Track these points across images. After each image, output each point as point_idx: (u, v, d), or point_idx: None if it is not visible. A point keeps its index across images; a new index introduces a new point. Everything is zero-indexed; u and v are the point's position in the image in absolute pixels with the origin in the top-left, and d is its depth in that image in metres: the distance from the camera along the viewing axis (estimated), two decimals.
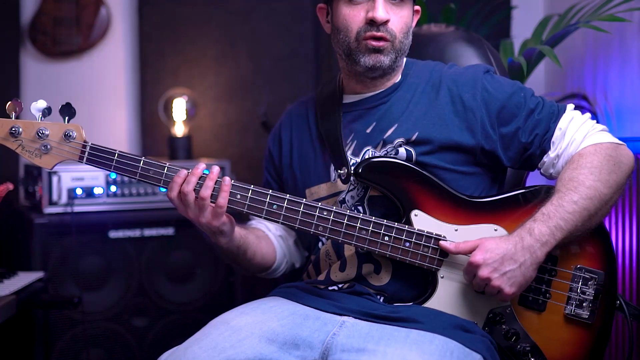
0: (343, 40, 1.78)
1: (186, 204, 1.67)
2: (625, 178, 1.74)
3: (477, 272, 1.61)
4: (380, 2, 1.73)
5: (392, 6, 1.75)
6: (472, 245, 1.64)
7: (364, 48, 1.75)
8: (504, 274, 1.60)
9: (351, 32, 1.76)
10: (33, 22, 3.16)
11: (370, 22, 1.73)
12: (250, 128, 3.27)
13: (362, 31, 1.74)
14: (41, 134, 1.66)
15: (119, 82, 3.32)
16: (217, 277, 2.76)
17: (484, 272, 1.60)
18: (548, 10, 3.24)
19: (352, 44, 1.76)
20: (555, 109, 1.78)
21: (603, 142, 1.74)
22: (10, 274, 2.29)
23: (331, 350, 1.60)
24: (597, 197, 1.66)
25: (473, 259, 1.61)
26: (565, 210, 1.63)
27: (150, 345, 2.66)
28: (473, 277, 1.63)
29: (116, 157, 1.68)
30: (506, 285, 1.60)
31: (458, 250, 1.66)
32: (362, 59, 1.76)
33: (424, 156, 1.74)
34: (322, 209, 1.69)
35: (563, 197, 1.65)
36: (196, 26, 3.27)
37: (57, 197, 2.58)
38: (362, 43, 1.75)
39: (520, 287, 1.62)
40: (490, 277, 1.60)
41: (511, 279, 1.60)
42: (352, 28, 1.75)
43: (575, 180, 1.67)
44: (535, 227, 1.62)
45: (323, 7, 1.86)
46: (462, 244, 1.66)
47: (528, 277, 1.62)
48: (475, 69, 1.82)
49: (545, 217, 1.63)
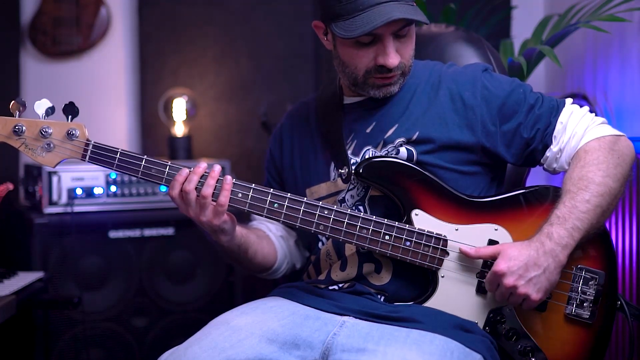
0: (350, 74, 1.73)
1: (187, 203, 1.67)
2: (629, 169, 1.74)
3: (502, 281, 1.58)
4: (391, 48, 1.67)
5: (401, 42, 1.70)
6: (493, 251, 1.63)
7: (373, 83, 1.73)
8: (530, 280, 1.58)
9: (359, 70, 1.71)
10: (33, 22, 3.16)
11: (381, 66, 1.69)
12: (250, 128, 3.27)
13: (372, 71, 1.70)
14: (44, 132, 1.66)
15: (119, 82, 3.32)
16: (217, 277, 2.76)
17: (510, 280, 1.58)
18: (548, 10, 3.24)
19: (360, 79, 1.73)
20: (555, 104, 1.78)
21: (605, 136, 1.74)
22: (10, 274, 2.29)
23: (331, 350, 1.60)
24: (607, 192, 1.66)
25: (497, 268, 1.59)
26: (579, 210, 1.63)
27: (150, 345, 2.66)
28: (497, 287, 1.61)
29: (118, 156, 1.68)
30: (533, 292, 1.59)
31: (479, 255, 1.65)
32: (371, 92, 1.74)
33: (425, 155, 1.74)
34: (323, 208, 1.69)
35: (575, 197, 1.64)
36: (196, 26, 3.27)
37: (57, 197, 2.58)
38: (371, 79, 1.72)
39: (546, 292, 1.61)
40: (517, 285, 1.58)
41: (537, 285, 1.59)
42: (360, 67, 1.71)
43: (585, 178, 1.66)
44: (554, 230, 1.61)
45: (319, 25, 1.77)
46: (483, 249, 1.65)
47: (553, 281, 1.61)
48: (474, 68, 1.82)
49: (561, 220, 1.62)
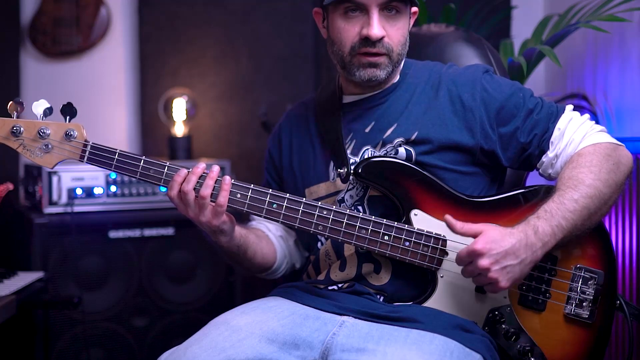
0: (337, 52, 1.76)
1: (186, 203, 1.67)
2: (624, 178, 1.73)
3: (477, 260, 1.56)
4: (375, 19, 1.69)
5: (388, 19, 1.72)
6: (477, 229, 1.60)
7: (359, 62, 1.73)
8: (504, 267, 1.57)
9: (345, 46, 1.73)
10: (33, 22, 3.16)
11: (365, 39, 1.70)
12: (250, 128, 3.27)
13: (357, 46, 1.72)
14: (42, 133, 1.66)
15: (119, 82, 3.32)
16: (217, 277, 2.75)
17: (485, 262, 1.56)
18: (548, 10, 3.24)
19: (346, 57, 1.74)
20: (554, 110, 1.77)
21: (602, 142, 1.73)
22: (10, 274, 2.29)
23: (331, 350, 1.60)
24: (596, 195, 1.65)
25: (475, 246, 1.56)
26: (566, 208, 1.62)
27: (150, 345, 2.66)
28: (469, 264, 1.59)
29: (117, 157, 1.68)
30: (503, 279, 1.57)
31: (463, 231, 1.61)
32: (357, 73, 1.74)
33: (424, 156, 1.74)
34: (322, 208, 1.69)
35: (564, 194, 1.64)
36: (196, 26, 3.27)
37: (57, 197, 2.58)
38: (356, 57, 1.73)
39: (515, 282, 1.61)
40: (490, 268, 1.56)
41: (509, 274, 1.58)
42: (346, 42, 1.73)
43: (575, 178, 1.66)
44: (540, 225, 1.60)
45: (319, 11, 1.82)
46: (468, 225, 1.61)
47: (524, 273, 1.61)
48: (474, 69, 1.82)
49: (548, 215, 1.61)
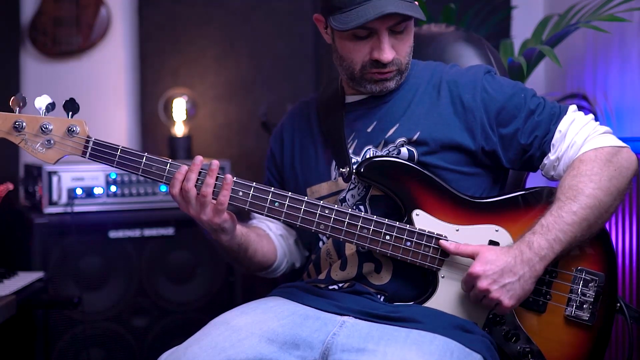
0: (347, 67, 1.75)
1: (187, 201, 1.67)
2: (627, 183, 1.71)
3: (476, 283, 1.60)
4: (386, 43, 1.68)
5: (397, 36, 1.71)
6: (473, 250, 1.63)
7: (370, 78, 1.74)
8: (504, 286, 1.59)
9: (355, 64, 1.73)
10: (33, 22, 3.16)
11: (376, 61, 1.70)
12: (250, 128, 3.27)
13: (368, 66, 1.72)
14: (45, 128, 1.66)
15: (119, 82, 3.32)
16: (217, 277, 2.75)
17: (483, 283, 1.59)
18: (548, 10, 3.24)
19: (357, 73, 1.74)
20: (557, 111, 1.76)
21: (604, 147, 1.71)
22: (10, 274, 2.29)
23: (331, 350, 1.59)
24: (596, 205, 1.64)
25: (472, 270, 1.60)
26: (564, 221, 1.62)
27: (150, 345, 2.66)
28: (472, 288, 1.62)
29: (119, 153, 1.68)
30: (505, 298, 1.59)
31: (458, 252, 1.66)
32: (369, 86, 1.76)
33: (426, 156, 1.74)
34: (324, 207, 1.69)
35: (562, 207, 1.63)
36: (196, 26, 3.27)
37: (57, 197, 2.58)
38: (367, 74, 1.74)
39: (519, 299, 1.62)
40: (490, 289, 1.59)
41: (510, 291, 1.59)
42: (357, 61, 1.73)
43: (575, 188, 1.65)
44: (535, 240, 1.61)
45: (320, 18, 1.80)
46: (463, 246, 1.66)
47: (527, 290, 1.61)
48: (476, 70, 1.81)
49: (544, 230, 1.62)
